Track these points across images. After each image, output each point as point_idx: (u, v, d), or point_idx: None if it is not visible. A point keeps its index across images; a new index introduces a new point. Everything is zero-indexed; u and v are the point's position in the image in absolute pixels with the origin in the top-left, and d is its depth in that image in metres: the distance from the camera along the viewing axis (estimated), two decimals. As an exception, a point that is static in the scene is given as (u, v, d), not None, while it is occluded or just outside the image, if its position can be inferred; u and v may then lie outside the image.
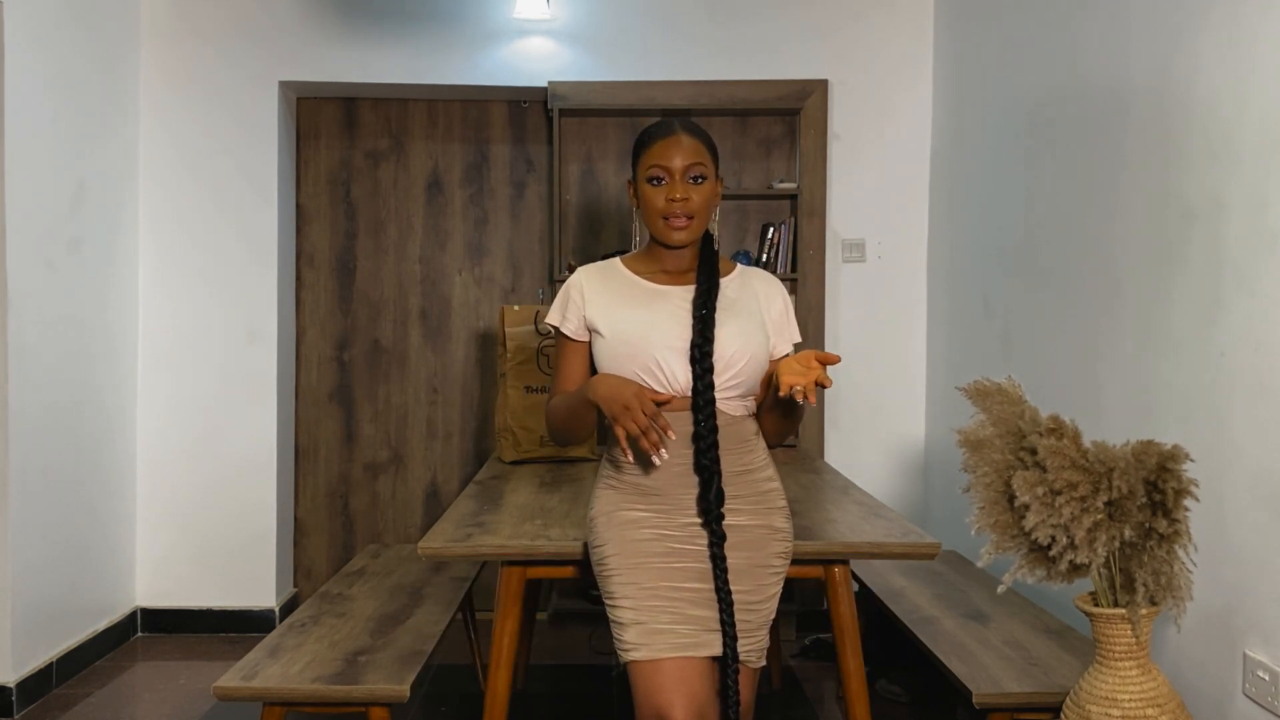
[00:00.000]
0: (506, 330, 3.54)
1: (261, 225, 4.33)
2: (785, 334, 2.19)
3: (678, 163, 2.06)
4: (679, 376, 2.05)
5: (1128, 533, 2.03)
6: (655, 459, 1.96)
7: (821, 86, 4.32)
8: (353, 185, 4.61)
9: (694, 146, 2.09)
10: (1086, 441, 2.13)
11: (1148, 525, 2.05)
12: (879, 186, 4.39)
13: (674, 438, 1.98)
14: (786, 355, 2.16)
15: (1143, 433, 2.30)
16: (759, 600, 2.08)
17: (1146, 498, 2.04)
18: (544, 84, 4.32)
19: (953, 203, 4.16)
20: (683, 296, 2.11)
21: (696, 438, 2.03)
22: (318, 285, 4.61)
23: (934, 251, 4.35)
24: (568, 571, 2.40)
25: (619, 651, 2.02)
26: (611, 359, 2.09)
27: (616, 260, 2.21)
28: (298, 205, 4.59)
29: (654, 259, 2.17)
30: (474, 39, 4.33)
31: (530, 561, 2.39)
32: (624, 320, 2.09)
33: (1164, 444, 2.08)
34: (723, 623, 1.99)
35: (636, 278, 2.16)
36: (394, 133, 4.61)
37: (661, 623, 1.99)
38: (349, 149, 4.61)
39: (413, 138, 4.61)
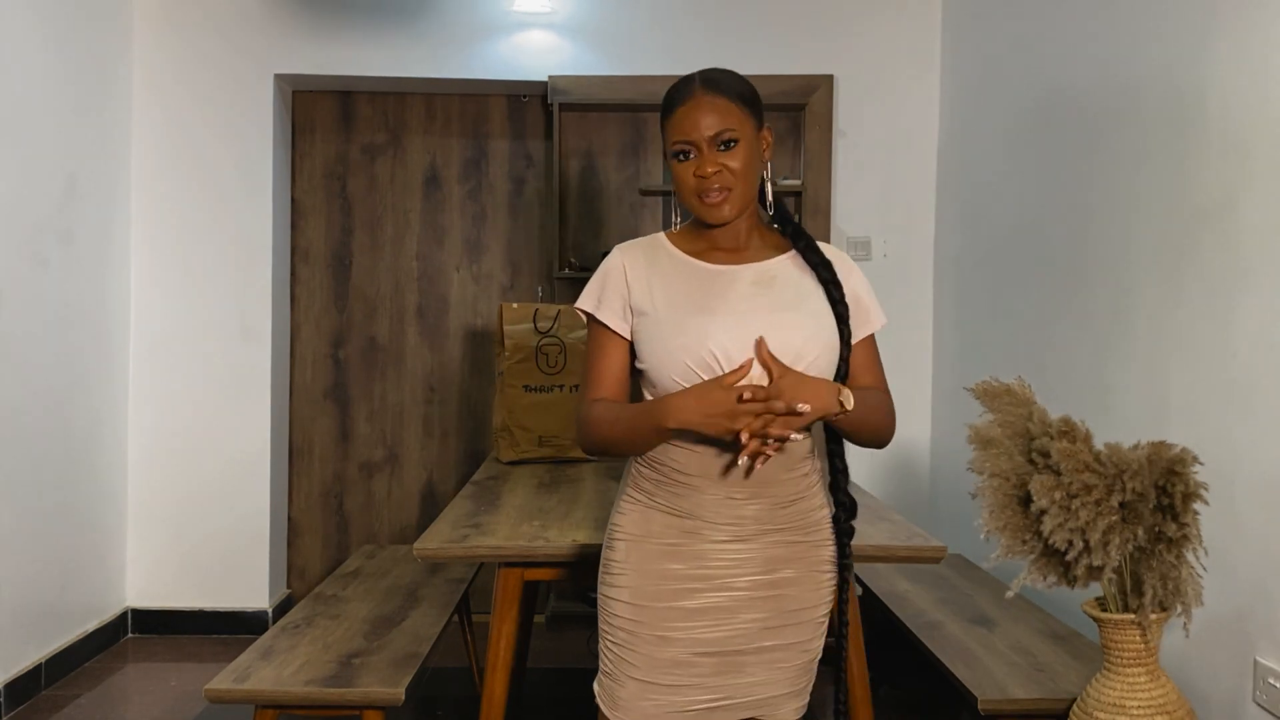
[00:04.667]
0: (505, 328, 3.49)
1: (256, 220, 4.29)
2: (864, 318, 1.83)
3: (702, 131, 1.73)
4: None
5: (1140, 535, 2.00)
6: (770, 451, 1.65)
7: (827, 82, 4.27)
8: (349, 180, 4.56)
9: (719, 106, 1.74)
10: (1098, 443, 2.09)
11: (1157, 529, 2.02)
12: (885, 184, 4.35)
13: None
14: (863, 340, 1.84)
15: (1154, 434, 2.26)
16: (810, 639, 1.84)
17: (1156, 501, 2.01)
18: (544, 78, 4.28)
19: (960, 200, 4.12)
20: (742, 278, 1.78)
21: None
22: (313, 281, 4.57)
23: (940, 250, 4.31)
24: (566, 574, 2.37)
25: (600, 702, 1.81)
26: (659, 354, 1.74)
27: (661, 236, 1.87)
28: (293, 200, 4.54)
29: (704, 236, 1.83)
30: (472, 32, 4.29)
31: (528, 563, 2.36)
32: (676, 308, 1.76)
33: (1174, 446, 2.05)
34: (836, 697, 1.84)
35: (688, 257, 1.81)
36: (391, 127, 4.56)
37: (666, 684, 1.77)
38: (345, 143, 4.56)
39: (410, 132, 4.56)
